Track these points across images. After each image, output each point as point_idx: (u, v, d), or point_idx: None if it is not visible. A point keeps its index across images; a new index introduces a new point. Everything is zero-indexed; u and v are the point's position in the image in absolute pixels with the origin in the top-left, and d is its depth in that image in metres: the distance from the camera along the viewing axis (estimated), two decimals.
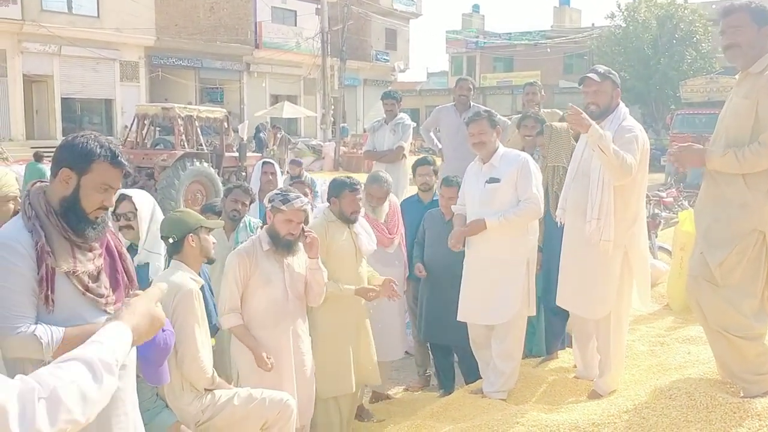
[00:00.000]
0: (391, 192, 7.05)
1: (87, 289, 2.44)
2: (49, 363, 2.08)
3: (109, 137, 2.56)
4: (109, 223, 2.59)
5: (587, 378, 4.54)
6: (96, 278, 2.48)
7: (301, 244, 4.08)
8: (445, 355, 5.57)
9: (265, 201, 4.16)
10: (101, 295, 2.47)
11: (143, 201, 4.04)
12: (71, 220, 2.42)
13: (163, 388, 3.41)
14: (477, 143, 4.61)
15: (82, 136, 2.45)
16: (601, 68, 4.21)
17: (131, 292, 2.38)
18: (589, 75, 4.13)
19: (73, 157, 2.40)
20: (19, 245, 2.34)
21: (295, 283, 4.09)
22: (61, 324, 2.36)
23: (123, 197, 3.95)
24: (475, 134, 4.59)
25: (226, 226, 5.11)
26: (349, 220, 4.68)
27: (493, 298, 4.50)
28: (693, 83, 26.69)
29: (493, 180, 4.50)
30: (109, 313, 2.44)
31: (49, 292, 2.35)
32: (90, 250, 2.48)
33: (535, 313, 4.76)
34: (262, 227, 4.53)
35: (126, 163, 2.50)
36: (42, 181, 2.51)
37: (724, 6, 3.63)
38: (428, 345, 6.00)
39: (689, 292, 3.68)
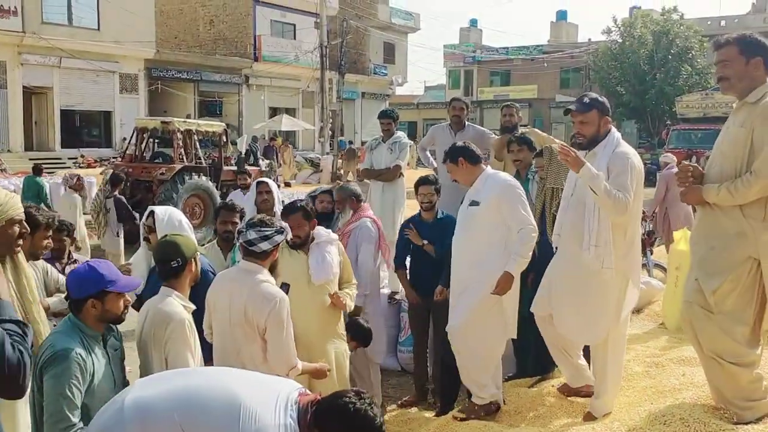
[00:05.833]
0: (390, 209, 7.19)
1: None
2: None
3: None
4: None
5: (577, 386, 4.56)
6: None
7: None
8: (455, 374, 5.25)
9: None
10: None
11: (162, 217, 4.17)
12: None
13: None
14: (456, 182, 4.72)
15: None
16: (588, 96, 4.13)
17: None
18: (572, 107, 4.10)
19: None
20: None
21: None
22: None
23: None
24: (450, 174, 4.71)
25: (222, 246, 5.16)
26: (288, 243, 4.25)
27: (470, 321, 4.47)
28: (688, 99, 26.87)
29: (474, 203, 4.50)
30: None
31: None
32: None
33: (515, 336, 4.69)
34: None
35: None
36: None
37: (716, 39, 3.69)
38: (429, 364, 6.01)
39: (683, 317, 3.71)
